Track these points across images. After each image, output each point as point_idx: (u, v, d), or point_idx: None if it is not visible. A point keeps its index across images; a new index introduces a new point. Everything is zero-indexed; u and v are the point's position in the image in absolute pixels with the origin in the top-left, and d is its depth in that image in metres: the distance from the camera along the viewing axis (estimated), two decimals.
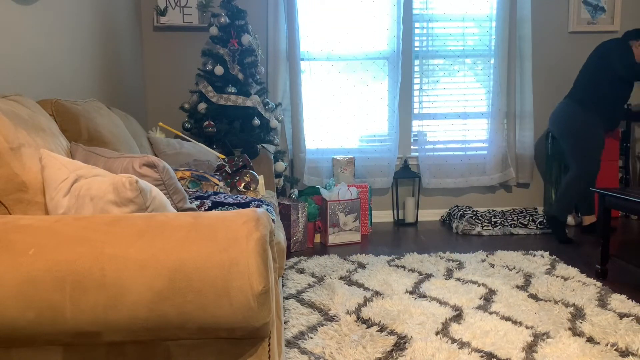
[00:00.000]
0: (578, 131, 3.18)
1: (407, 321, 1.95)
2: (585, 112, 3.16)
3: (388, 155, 3.89)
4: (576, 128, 3.18)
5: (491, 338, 1.81)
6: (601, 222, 2.49)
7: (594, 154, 3.16)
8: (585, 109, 3.17)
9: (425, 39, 3.90)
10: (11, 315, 0.92)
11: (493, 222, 3.56)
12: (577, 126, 3.18)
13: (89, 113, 1.82)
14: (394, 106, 3.88)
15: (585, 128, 3.17)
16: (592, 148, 3.17)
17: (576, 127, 3.18)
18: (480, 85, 3.97)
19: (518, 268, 2.61)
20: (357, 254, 2.94)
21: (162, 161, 1.33)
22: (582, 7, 3.90)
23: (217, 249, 0.95)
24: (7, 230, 0.97)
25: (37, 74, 1.99)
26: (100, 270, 0.93)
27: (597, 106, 3.16)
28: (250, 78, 3.25)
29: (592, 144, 3.16)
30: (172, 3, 3.62)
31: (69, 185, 1.15)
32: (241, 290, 0.94)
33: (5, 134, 1.15)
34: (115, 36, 3.03)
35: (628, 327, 1.89)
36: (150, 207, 1.13)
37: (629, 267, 2.42)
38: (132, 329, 0.95)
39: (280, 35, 3.71)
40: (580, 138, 3.17)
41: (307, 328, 1.92)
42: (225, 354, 1.03)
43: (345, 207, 3.31)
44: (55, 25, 2.18)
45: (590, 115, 3.16)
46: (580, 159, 3.17)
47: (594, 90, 3.17)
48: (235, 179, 2.45)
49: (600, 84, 3.16)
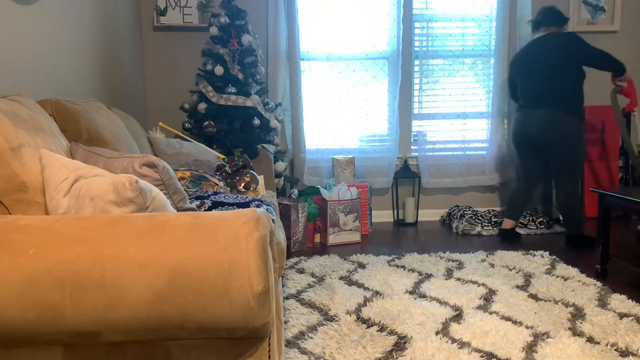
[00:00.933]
0: (576, 143, 3.03)
1: (407, 321, 1.95)
2: (576, 119, 3.03)
3: (388, 155, 3.89)
4: (574, 139, 3.02)
5: (491, 338, 1.81)
6: (601, 222, 2.48)
7: (582, 163, 3.09)
8: (574, 115, 3.03)
9: (425, 39, 3.90)
10: (11, 315, 0.92)
11: (493, 222, 3.56)
12: (575, 137, 3.02)
13: (89, 113, 1.82)
14: (393, 106, 3.88)
15: (580, 138, 3.04)
16: (583, 157, 3.09)
17: (574, 138, 3.02)
18: (480, 85, 3.97)
19: (518, 268, 2.61)
20: (357, 254, 2.94)
21: (162, 161, 1.33)
22: (582, 7, 3.90)
23: (217, 249, 0.95)
24: (7, 230, 0.97)
25: (37, 74, 1.99)
26: (100, 270, 0.93)
27: (579, 107, 3.04)
28: (250, 78, 3.25)
29: (583, 154, 3.09)
30: (172, 3, 3.62)
31: (69, 185, 1.15)
32: (241, 290, 0.94)
33: (5, 134, 1.15)
34: (115, 36, 3.03)
35: (628, 327, 1.89)
36: (150, 207, 1.13)
37: (629, 267, 2.42)
38: (132, 329, 0.95)
39: (280, 35, 3.71)
40: (577, 150, 3.04)
41: (307, 328, 1.92)
42: (225, 354, 1.03)
43: (345, 207, 3.31)
44: (55, 25, 2.18)
45: (579, 122, 3.03)
46: (573, 170, 3.05)
47: (568, 92, 3.03)
48: (235, 179, 2.45)
49: (570, 83, 3.02)
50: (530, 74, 3.16)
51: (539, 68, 3.10)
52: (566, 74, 3.03)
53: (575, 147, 3.04)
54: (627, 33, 3.97)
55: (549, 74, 3.06)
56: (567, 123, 3.02)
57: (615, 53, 3.98)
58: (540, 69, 3.09)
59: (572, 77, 3.03)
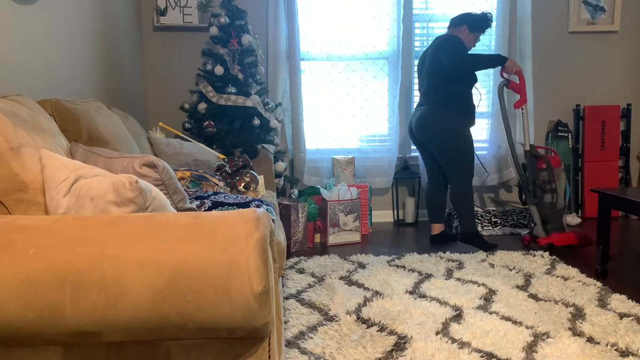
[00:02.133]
0: (452, 139, 3.00)
1: (407, 321, 1.95)
2: (453, 116, 2.99)
3: (388, 155, 3.89)
4: (449, 135, 2.99)
5: (491, 338, 1.81)
6: (601, 222, 2.48)
7: (471, 157, 3.03)
8: (451, 111, 3.00)
9: (425, 39, 3.90)
10: (11, 315, 0.92)
11: (493, 222, 3.56)
12: (449, 133, 2.99)
13: (89, 113, 1.82)
14: (394, 106, 3.88)
15: (457, 134, 3.00)
16: (470, 151, 3.03)
17: (448, 134, 2.99)
18: (480, 85, 3.96)
19: (518, 268, 2.61)
20: (357, 254, 2.94)
21: (162, 161, 1.33)
22: (582, 7, 3.90)
23: (217, 249, 0.95)
24: (7, 230, 0.97)
25: (37, 74, 1.99)
26: (100, 270, 0.93)
27: (457, 105, 3.00)
28: (250, 78, 3.25)
29: (468, 147, 3.02)
30: (172, 3, 3.62)
31: (69, 185, 1.15)
32: (241, 290, 0.94)
33: (5, 134, 1.15)
34: (115, 36, 3.03)
35: (628, 327, 1.89)
36: (150, 207, 1.13)
37: (629, 267, 2.42)
38: (132, 329, 0.95)
39: (280, 35, 3.71)
40: (456, 146, 3.00)
41: (307, 328, 1.92)
42: (225, 354, 1.03)
43: (345, 207, 3.31)
44: (55, 25, 2.18)
45: (456, 119, 3.00)
46: (460, 164, 3.01)
47: (445, 91, 3.01)
48: (235, 179, 2.46)
49: (445, 84, 3.00)
50: (420, 73, 3.24)
51: (424, 68, 3.16)
52: (442, 74, 3.01)
53: (452, 142, 3.00)
54: (627, 33, 3.97)
55: (428, 74, 3.10)
56: (440, 119, 3.01)
57: (615, 53, 3.99)
58: (425, 69, 3.15)
59: (448, 77, 3.00)
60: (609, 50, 3.99)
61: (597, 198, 3.48)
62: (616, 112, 3.95)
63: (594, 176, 3.97)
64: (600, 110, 3.95)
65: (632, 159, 4.07)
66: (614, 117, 3.95)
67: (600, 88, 4.02)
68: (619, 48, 3.99)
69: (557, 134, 3.98)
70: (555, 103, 4.02)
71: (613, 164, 3.96)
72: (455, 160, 3.02)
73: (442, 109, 3.01)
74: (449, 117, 3.01)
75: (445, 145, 3.02)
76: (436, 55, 3.02)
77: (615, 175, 3.96)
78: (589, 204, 3.96)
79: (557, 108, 4.03)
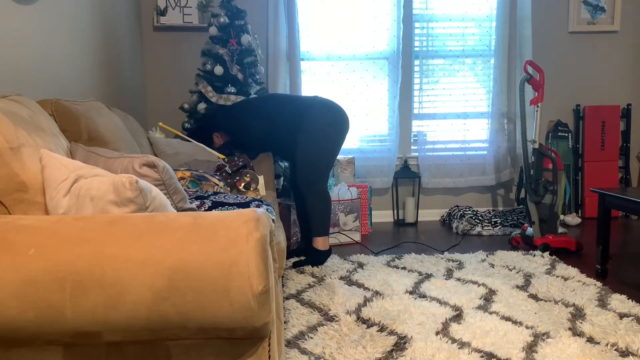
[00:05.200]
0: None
1: (407, 321, 1.95)
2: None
3: (388, 155, 3.89)
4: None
5: (491, 338, 1.81)
6: (601, 222, 2.48)
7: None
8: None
9: (425, 39, 3.90)
10: (11, 315, 0.92)
11: (493, 222, 3.56)
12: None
13: (89, 113, 1.82)
14: (394, 106, 3.88)
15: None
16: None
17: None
18: (480, 85, 3.97)
19: (518, 268, 2.61)
20: (357, 254, 2.94)
21: (162, 161, 1.33)
22: (582, 7, 3.90)
23: (217, 249, 0.95)
24: (7, 230, 0.97)
25: (37, 74, 1.99)
26: (100, 270, 0.93)
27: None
28: (250, 78, 3.25)
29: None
30: (172, 3, 3.62)
31: (69, 185, 1.15)
32: (241, 290, 0.94)
33: (5, 134, 1.15)
34: (115, 36, 3.03)
35: (628, 327, 1.89)
36: (150, 207, 1.13)
37: (629, 267, 2.42)
38: (132, 329, 0.95)
39: (280, 35, 3.71)
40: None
41: (307, 328, 1.92)
42: (225, 354, 1.03)
43: (345, 207, 3.30)
44: (56, 25, 2.18)
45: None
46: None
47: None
48: (235, 179, 2.46)
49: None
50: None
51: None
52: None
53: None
54: (627, 33, 3.97)
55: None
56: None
57: (615, 53, 3.99)
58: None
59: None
60: (609, 50, 3.99)
61: (597, 198, 3.49)
62: (616, 112, 3.95)
63: (594, 176, 3.97)
64: (600, 110, 3.95)
65: (632, 159, 4.07)
66: (614, 117, 3.95)
67: (600, 88, 4.02)
68: (619, 48, 3.99)
69: (557, 134, 3.98)
70: (555, 103, 4.02)
71: (613, 164, 3.96)
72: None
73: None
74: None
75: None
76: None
77: (615, 175, 3.96)
78: (589, 204, 3.96)
79: (557, 108, 4.03)
